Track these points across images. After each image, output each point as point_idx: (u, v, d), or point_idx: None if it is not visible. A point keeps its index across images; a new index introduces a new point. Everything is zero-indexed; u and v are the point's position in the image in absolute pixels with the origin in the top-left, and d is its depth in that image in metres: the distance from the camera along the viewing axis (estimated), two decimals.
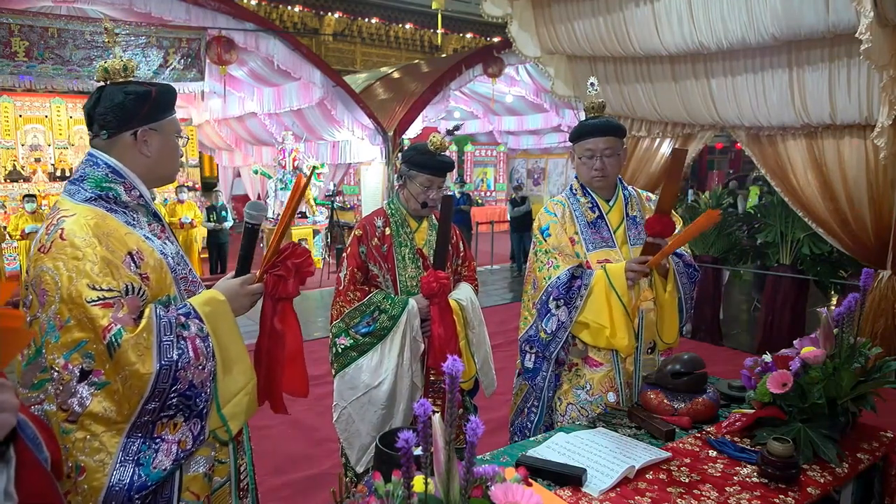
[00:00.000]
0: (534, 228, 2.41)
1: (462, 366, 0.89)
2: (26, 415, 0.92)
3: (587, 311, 2.19)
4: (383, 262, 2.44)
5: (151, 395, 1.32)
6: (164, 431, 1.37)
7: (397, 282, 2.46)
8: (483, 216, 13.30)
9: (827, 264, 5.57)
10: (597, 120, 2.29)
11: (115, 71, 1.50)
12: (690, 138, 5.88)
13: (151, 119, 1.51)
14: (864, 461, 1.75)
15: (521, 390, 2.47)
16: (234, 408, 1.50)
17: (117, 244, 1.38)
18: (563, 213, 2.35)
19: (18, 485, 0.83)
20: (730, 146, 19.75)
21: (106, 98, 1.48)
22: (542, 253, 2.32)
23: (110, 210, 1.43)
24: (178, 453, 1.37)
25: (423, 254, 2.50)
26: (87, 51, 7.27)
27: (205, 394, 1.40)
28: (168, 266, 1.48)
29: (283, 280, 1.62)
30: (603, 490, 1.54)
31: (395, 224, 2.49)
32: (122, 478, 1.31)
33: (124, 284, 1.35)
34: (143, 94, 1.49)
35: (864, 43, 3.34)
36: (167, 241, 1.54)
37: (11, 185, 9.48)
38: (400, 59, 18.99)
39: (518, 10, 5.59)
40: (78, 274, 1.31)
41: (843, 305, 1.85)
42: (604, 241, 2.30)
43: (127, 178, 1.49)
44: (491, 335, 2.69)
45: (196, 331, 1.41)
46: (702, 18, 4.42)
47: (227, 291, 1.53)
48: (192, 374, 1.37)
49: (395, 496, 0.96)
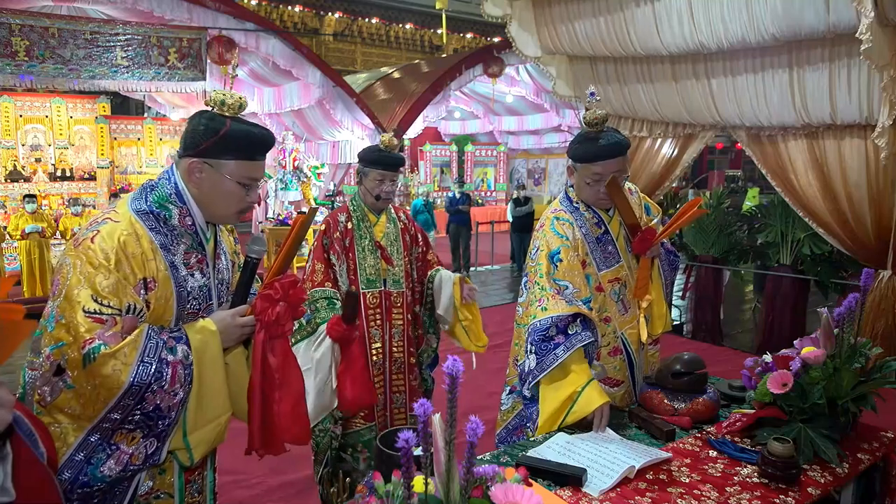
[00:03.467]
0: (541, 245, 2.15)
1: (462, 366, 0.89)
2: (22, 412, 0.92)
3: (549, 384, 1.98)
4: (344, 253, 2.66)
5: (115, 406, 1.33)
6: (121, 441, 1.38)
7: (358, 270, 2.67)
8: (483, 216, 13.29)
9: (827, 264, 5.57)
10: (605, 142, 2.08)
11: (215, 101, 1.51)
12: (691, 138, 5.88)
13: (212, 154, 1.50)
14: (864, 461, 1.75)
15: (514, 408, 2.29)
16: (201, 436, 1.48)
17: (136, 268, 1.41)
18: (574, 234, 2.15)
19: (16, 480, 0.83)
20: (730, 146, 19.77)
21: (191, 120, 1.52)
22: (541, 281, 2.08)
23: (152, 228, 1.46)
24: (126, 464, 1.37)
25: (381, 245, 2.72)
26: (88, 50, 7.28)
27: (169, 419, 1.39)
28: (176, 299, 1.48)
29: (271, 302, 1.52)
30: (603, 490, 1.54)
31: (357, 218, 2.72)
32: (71, 471, 1.35)
33: (127, 304, 1.38)
34: (213, 129, 1.48)
35: (864, 43, 3.34)
36: (197, 273, 1.54)
37: (11, 185, 9.49)
38: (400, 59, 19.00)
39: (518, 10, 5.59)
40: (87, 281, 1.35)
41: (844, 305, 1.84)
42: (611, 257, 2.19)
43: (187, 203, 1.52)
44: (491, 335, 2.69)
45: (182, 356, 1.41)
46: (702, 18, 4.42)
47: (219, 322, 1.50)
48: (161, 398, 1.37)
49: (395, 496, 0.96)
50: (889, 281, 4.40)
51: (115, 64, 7.48)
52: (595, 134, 2.11)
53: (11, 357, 0.81)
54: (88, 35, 7.26)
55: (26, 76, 7.17)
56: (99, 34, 7.29)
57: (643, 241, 2.14)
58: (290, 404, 1.59)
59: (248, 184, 1.55)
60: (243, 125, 1.52)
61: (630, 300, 2.22)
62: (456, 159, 16.04)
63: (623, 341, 2.20)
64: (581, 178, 2.15)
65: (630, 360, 2.22)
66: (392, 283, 2.72)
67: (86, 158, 10.33)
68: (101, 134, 10.28)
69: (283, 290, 1.52)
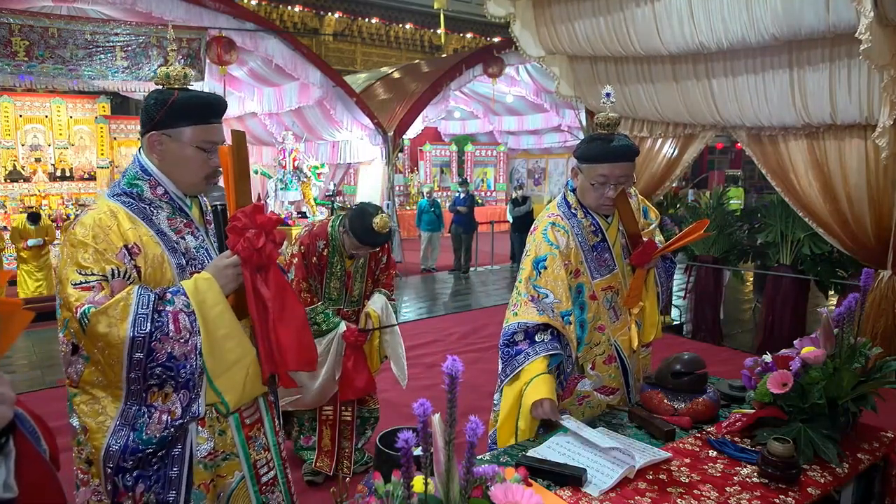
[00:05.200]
0: (529, 250, 2.12)
1: (461, 366, 0.89)
2: (24, 409, 0.93)
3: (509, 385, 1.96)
4: (317, 273, 3.03)
5: (130, 365, 1.41)
6: (155, 401, 1.45)
7: (324, 290, 3.07)
8: (483, 216, 13.29)
9: (827, 264, 5.57)
10: (614, 144, 2.03)
11: (162, 76, 1.61)
12: (691, 138, 5.88)
13: (166, 125, 1.57)
14: (864, 461, 1.75)
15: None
16: (228, 382, 1.51)
17: (114, 238, 1.49)
18: (567, 242, 2.09)
19: (18, 477, 0.83)
20: (730, 146, 19.77)
21: (145, 99, 1.63)
22: (520, 286, 2.06)
23: (130, 205, 1.56)
24: (168, 422, 1.44)
25: (349, 273, 3.11)
26: (88, 50, 7.27)
27: (189, 366, 1.45)
28: (170, 261, 1.55)
29: (239, 232, 1.51)
30: (603, 490, 1.54)
31: (334, 248, 3.04)
32: (119, 440, 1.43)
33: (110, 269, 1.47)
34: (162, 101, 1.57)
35: (864, 43, 3.33)
36: (188, 236, 1.62)
37: (11, 185, 9.48)
38: (400, 59, 18.99)
39: (520, 9, 5.59)
40: (71, 260, 1.46)
41: (844, 305, 1.85)
42: (606, 265, 2.15)
43: (153, 175, 1.60)
44: (492, 335, 2.72)
45: (181, 306, 1.46)
46: (702, 18, 4.41)
47: (210, 269, 1.56)
48: (171, 346, 1.43)
49: (395, 496, 0.96)
50: (889, 281, 4.40)
51: (115, 64, 7.48)
52: (605, 135, 2.07)
53: (12, 357, 0.81)
54: (88, 35, 7.25)
55: (26, 76, 7.17)
56: (99, 34, 7.28)
57: (643, 255, 2.11)
58: (293, 332, 1.60)
59: (208, 148, 1.61)
60: (191, 92, 1.60)
61: (621, 307, 2.19)
62: (456, 159, 16.03)
63: (616, 348, 2.18)
64: (586, 180, 2.09)
65: (624, 366, 2.21)
66: (348, 304, 3.15)
67: (86, 158, 10.33)
68: (101, 134, 10.28)
69: (248, 217, 1.53)
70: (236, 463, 1.63)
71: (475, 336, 6.20)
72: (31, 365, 5.26)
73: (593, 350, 2.17)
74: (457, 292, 8.96)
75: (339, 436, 3.19)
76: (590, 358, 2.16)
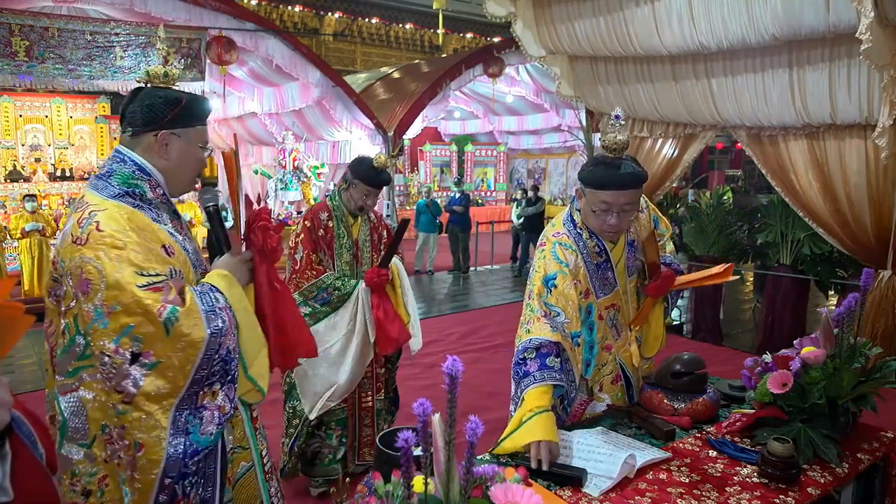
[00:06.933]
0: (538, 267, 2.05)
1: (461, 366, 0.89)
2: (21, 411, 0.93)
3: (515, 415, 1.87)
4: (326, 248, 2.99)
5: (201, 362, 1.42)
6: (205, 400, 1.47)
7: (336, 265, 3.01)
8: (483, 216, 13.28)
9: (827, 264, 5.57)
10: (619, 171, 1.89)
11: (156, 75, 1.59)
12: (691, 138, 5.88)
13: (176, 125, 1.57)
14: (864, 461, 1.75)
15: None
16: (259, 368, 1.59)
17: (151, 237, 1.47)
18: (576, 261, 2.02)
19: (14, 480, 0.83)
20: (730, 146, 19.76)
21: (140, 98, 1.56)
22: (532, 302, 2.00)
23: (137, 206, 1.51)
24: (219, 418, 1.48)
25: (357, 244, 3.08)
26: (88, 50, 7.26)
27: (236, 360, 1.52)
28: (190, 262, 1.58)
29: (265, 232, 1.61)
30: (603, 490, 1.54)
31: (337, 218, 3.02)
32: (177, 448, 1.42)
33: (168, 268, 1.46)
34: (173, 100, 1.56)
35: (864, 43, 3.33)
36: (187, 239, 1.63)
37: (11, 185, 9.48)
38: (400, 59, 18.98)
39: (520, 9, 5.59)
40: (122, 262, 1.38)
41: (844, 305, 1.85)
42: (608, 283, 2.10)
43: (152, 175, 1.56)
44: (492, 335, 2.72)
45: (224, 302, 1.51)
46: (702, 18, 4.41)
47: (226, 266, 1.58)
48: (230, 340, 1.49)
49: (395, 496, 0.96)
50: (889, 281, 4.40)
51: (115, 64, 7.47)
52: (611, 160, 1.93)
53: (11, 357, 0.81)
54: (88, 35, 7.24)
55: (26, 76, 7.17)
56: (98, 34, 7.28)
57: (661, 288, 2.08)
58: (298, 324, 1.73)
59: (205, 147, 1.66)
60: (190, 94, 1.61)
61: (622, 324, 2.17)
62: (456, 159, 16.03)
63: (620, 365, 2.17)
64: (588, 205, 2.00)
65: (628, 382, 2.19)
66: (360, 277, 3.04)
67: (86, 158, 10.33)
68: (101, 134, 10.29)
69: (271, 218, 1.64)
70: (243, 454, 1.68)
71: (475, 336, 6.18)
72: (34, 364, 5.24)
73: (601, 371, 2.14)
74: (456, 292, 8.96)
75: (359, 423, 3.14)
76: (598, 380, 2.13)
